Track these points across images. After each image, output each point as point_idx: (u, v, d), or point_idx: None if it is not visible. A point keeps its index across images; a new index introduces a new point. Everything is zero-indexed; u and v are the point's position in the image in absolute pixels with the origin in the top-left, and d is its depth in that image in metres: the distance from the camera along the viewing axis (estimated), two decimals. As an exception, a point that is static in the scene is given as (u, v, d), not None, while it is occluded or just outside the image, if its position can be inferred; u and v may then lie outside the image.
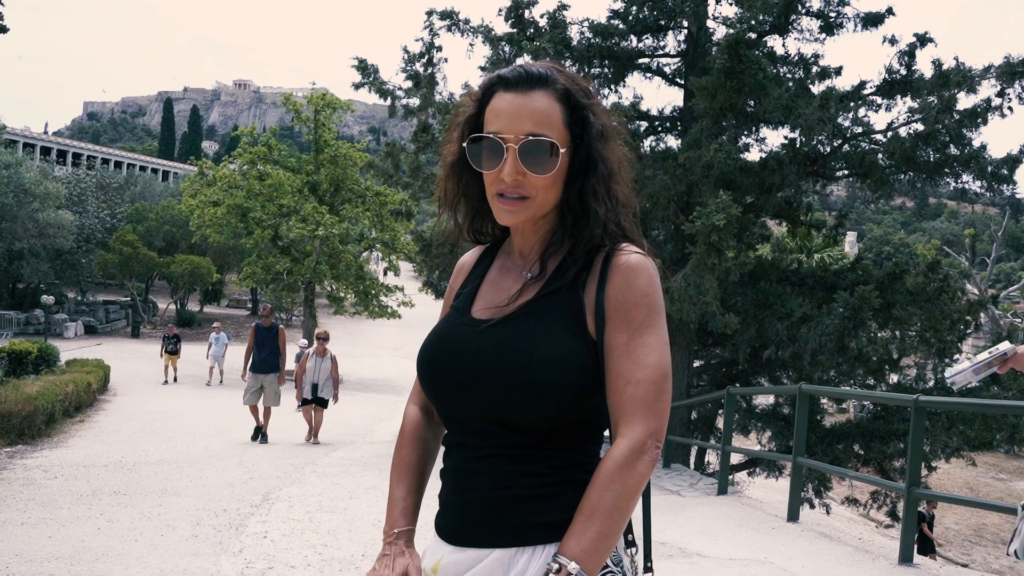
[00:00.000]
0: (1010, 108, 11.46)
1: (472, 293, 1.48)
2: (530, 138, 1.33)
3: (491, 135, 1.35)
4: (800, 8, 12.75)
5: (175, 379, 21.39)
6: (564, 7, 13.10)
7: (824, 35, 13.07)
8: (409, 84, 13.56)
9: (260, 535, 5.83)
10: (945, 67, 11.58)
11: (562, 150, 1.35)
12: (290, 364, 16.76)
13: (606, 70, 13.65)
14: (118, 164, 76.44)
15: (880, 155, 12.22)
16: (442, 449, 1.49)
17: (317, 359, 11.46)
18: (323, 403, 11.57)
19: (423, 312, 28.56)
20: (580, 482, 1.33)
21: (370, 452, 11.12)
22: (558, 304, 1.36)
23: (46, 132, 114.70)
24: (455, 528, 1.38)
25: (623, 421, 1.30)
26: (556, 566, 1.23)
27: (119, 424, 12.70)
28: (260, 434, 11.35)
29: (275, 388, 11.31)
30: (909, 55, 12.15)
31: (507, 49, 13.23)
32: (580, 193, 1.39)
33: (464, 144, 1.41)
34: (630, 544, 1.40)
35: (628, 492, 1.27)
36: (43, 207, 35.50)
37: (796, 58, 13.28)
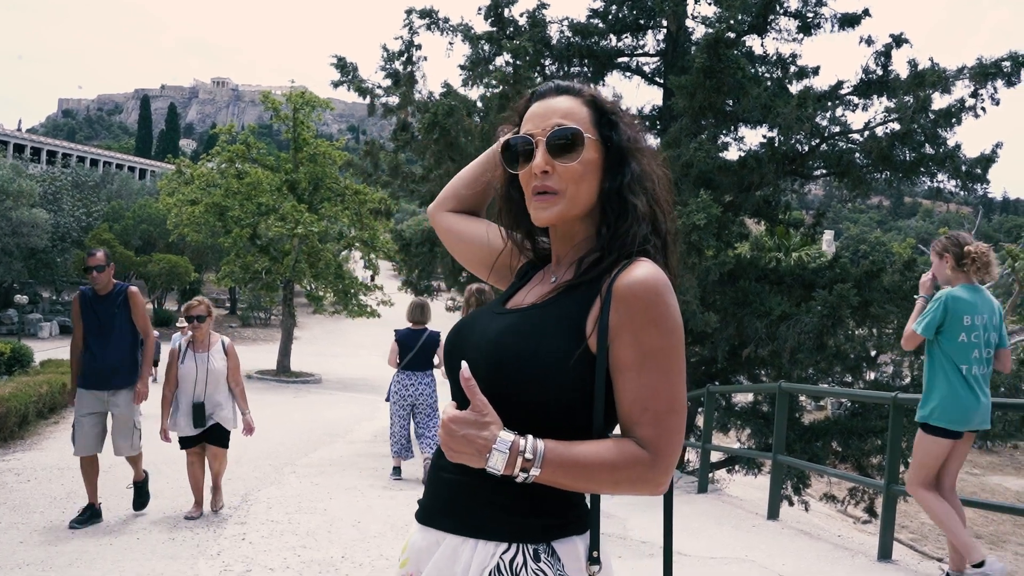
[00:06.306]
0: (983, 108, 11.58)
1: (511, 291, 1.55)
2: (557, 129, 1.38)
3: (522, 135, 1.41)
4: (778, 8, 12.83)
5: None
6: (544, 6, 13.10)
7: (802, 35, 13.16)
8: (388, 82, 13.52)
9: (238, 537, 5.78)
10: (920, 67, 11.69)
11: (588, 136, 1.39)
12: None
13: (586, 69, 13.68)
14: (94, 162, 75.55)
15: (857, 154, 12.31)
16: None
17: (196, 355, 6.29)
18: (221, 439, 6.36)
19: (403, 311, 28.41)
20: (537, 491, 1.31)
21: (349, 452, 11.06)
22: (565, 305, 1.36)
23: (20, 129, 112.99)
24: (424, 505, 1.43)
25: (643, 439, 1.29)
26: (525, 441, 1.25)
27: (95, 425, 12.51)
28: (102, 512, 6.22)
29: (132, 417, 6.18)
30: (885, 55, 12.26)
31: (487, 48, 13.22)
32: (619, 190, 1.42)
33: (500, 151, 1.47)
34: (595, 561, 1.34)
35: (617, 480, 1.27)
36: (16, 205, 35.01)
37: (774, 58, 13.37)
